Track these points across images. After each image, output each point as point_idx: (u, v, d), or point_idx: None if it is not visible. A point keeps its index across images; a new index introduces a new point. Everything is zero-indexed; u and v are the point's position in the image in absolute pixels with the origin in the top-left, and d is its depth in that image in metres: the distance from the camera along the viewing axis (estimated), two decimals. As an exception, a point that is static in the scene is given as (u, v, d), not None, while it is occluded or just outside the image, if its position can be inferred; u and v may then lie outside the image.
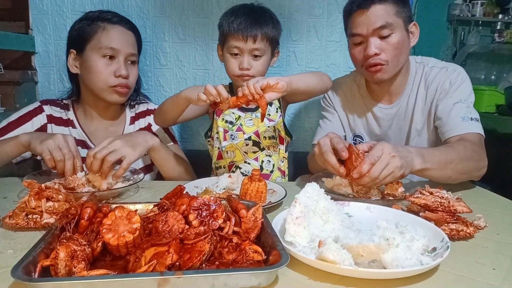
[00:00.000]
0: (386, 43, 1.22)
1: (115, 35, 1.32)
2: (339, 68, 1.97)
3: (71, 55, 1.36)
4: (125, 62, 1.34)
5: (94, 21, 1.33)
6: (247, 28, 1.33)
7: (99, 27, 1.32)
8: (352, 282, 0.61)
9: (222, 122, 1.47)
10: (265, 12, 1.42)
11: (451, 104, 1.24)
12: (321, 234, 0.73)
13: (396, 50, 1.23)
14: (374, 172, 0.91)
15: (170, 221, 0.68)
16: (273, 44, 1.41)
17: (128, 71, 1.34)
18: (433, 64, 1.35)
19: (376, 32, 1.20)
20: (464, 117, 1.20)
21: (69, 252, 0.57)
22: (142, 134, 1.21)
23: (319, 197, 0.78)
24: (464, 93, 1.26)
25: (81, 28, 1.34)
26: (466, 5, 3.13)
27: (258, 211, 0.71)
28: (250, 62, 1.36)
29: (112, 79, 1.31)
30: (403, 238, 0.66)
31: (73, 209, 0.70)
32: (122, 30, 1.35)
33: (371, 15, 1.19)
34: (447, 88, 1.27)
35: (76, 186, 1.03)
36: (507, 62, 2.98)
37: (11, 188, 1.09)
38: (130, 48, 1.35)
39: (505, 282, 0.63)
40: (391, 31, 1.20)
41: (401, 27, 1.22)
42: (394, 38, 1.21)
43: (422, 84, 1.34)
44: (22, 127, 1.34)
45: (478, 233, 0.82)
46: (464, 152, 1.09)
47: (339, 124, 1.48)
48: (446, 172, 1.05)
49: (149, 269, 0.56)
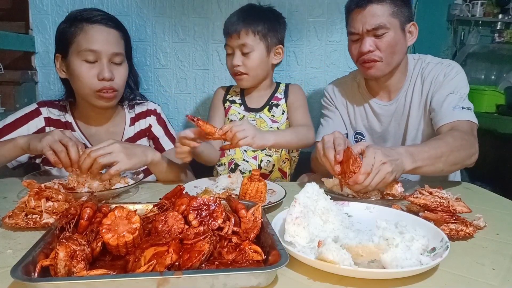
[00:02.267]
0: (380, 41, 1.25)
1: (95, 35, 1.24)
2: (339, 68, 1.97)
3: (58, 59, 1.31)
4: (109, 64, 1.26)
5: (74, 22, 1.26)
6: (232, 25, 1.37)
7: (78, 28, 1.24)
8: (352, 282, 0.61)
9: (228, 122, 1.49)
10: (259, 9, 1.44)
11: (444, 95, 1.27)
12: (321, 234, 0.73)
13: (390, 48, 1.26)
14: (366, 182, 0.94)
15: (170, 221, 0.68)
16: (267, 39, 1.41)
17: (113, 73, 1.26)
18: (430, 60, 1.38)
19: (370, 31, 1.24)
20: (455, 106, 1.23)
21: (68, 252, 0.57)
22: (143, 147, 1.18)
23: (319, 197, 0.78)
24: (458, 85, 1.29)
25: (63, 31, 1.27)
26: (466, 5, 3.13)
27: (258, 211, 0.71)
28: (240, 59, 1.39)
29: (96, 83, 1.24)
30: (402, 238, 0.66)
31: (72, 209, 0.70)
32: (103, 29, 1.26)
33: (367, 14, 1.23)
34: (441, 80, 1.30)
35: (76, 186, 1.03)
36: (507, 62, 2.98)
37: (11, 188, 1.09)
38: (113, 47, 1.26)
39: (505, 282, 0.63)
40: (386, 31, 1.23)
41: (396, 27, 1.25)
42: (388, 37, 1.24)
43: (419, 79, 1.36)
44: (17, 131, 1.29)
45: (478, 233, 0.82)
46: (453, 143, 1.10)
47: (341, 122, 1.49)
48: (437, 166, 1.07)
49: (149, 269, 0.56)
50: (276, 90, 1.52)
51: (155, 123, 1.48)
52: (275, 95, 1.51)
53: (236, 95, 1.54)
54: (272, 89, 1.52)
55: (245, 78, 1.41)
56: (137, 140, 1.45)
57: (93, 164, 1.01)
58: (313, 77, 1.99)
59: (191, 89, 1.99)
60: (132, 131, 1.45)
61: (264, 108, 1.49)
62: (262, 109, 1.49)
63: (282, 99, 1.50)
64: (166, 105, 1.95)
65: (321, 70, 1.99)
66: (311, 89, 2.00)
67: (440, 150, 1.07)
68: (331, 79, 2.05)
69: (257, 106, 1.50)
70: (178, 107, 1.99)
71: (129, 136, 1.45)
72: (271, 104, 1.49)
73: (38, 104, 1.37)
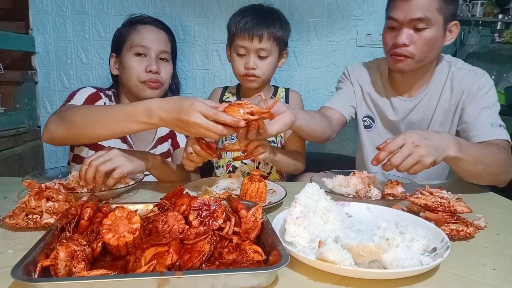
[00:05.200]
0: (418, 36, 1.20)
1: (146, 34, 1.39)
2: (339, 68, 1.97)
3: (112, 58, 1.45)
4: (157, 59, 1.39)
5: (129, 25, 1.42)
6: (253, 28, 1.33)
7: (133, 28, 1.41)
8: (352, 282, 0.61)
9: None
10: (273, 12, 1.41)
11: (478, 109, 1.22)
12: (321, 234, 0.73)
13: (426, 46, 1.21)
14: (394, 160, 0.93)
15: (170, 221, 0.68)
16: (281, 44, 1.40)
17: (159, 67, 1.38)
18: (461, 65, 1.33)
19: (412, 22, 1.19)
20: (493, 123, 1.18)
21: (69, 252, 0.57)
22: (144, 153, 1.17)
23: (319, 197, 0.78)
24: (492, 100, 1.24)
25: (119, 33, 1.44)
26: (466, 5, 3.12)
27: (258, 211, 0.71)
28: (256, 62, 1.36)
29: (143, 74, 1.36)
30: (403, 238, 0.66)
31: (73, 209, 0.70)
32: (153, 29, 1.42)
33: (414, 3, 1.17)
34: (475, 92, 1.25)
35: (76, 187, 1.03)
36: (507, 62, 2.98)
37: (11, 188, 1.09)
38: (161, 45, 1.40)
39: (505, 283, 0.63)
40: (427, 26, 1.18)
41: (439, 24, 1.20)
42: (428, 33, 1.19)
43: (448, 85, 1.32)
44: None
45: (478, 233, 0.82)
46: (498, 154, 1.08)
47: (352, 96, 1.46)
48: (477, 167, 1.04)
49: (149, 269, 0.56)
50: (275, 95, 1.51)
51: None
52: None
53: (232, 96, 1.53)
54: (270, 92, 1.51)
55: (256, 81, 1.40)
56: (168, 139, 1.50)
57: (96, 174, 1.00)
58: (313, 77, 2.00)
59: (191, 89, 1.99)
60: (164, 130, 1.49)
61: None
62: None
63: None
64: (166, 105, 1.95)
65: (321, 70, 1.99)
66: (311, 89, 2.00)
67: (485, 154, 1.05)
68: (331, 79, 2.06)
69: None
70: (178, 107, 1.99)
71: (161, 136, 1.48)
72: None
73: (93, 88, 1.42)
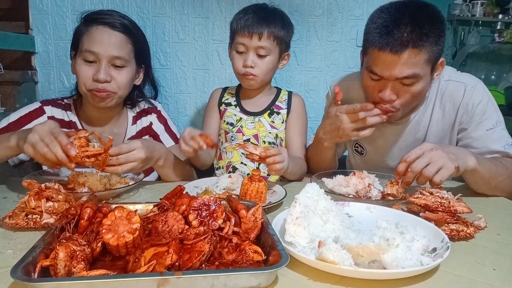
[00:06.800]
0: (405, 90, 1.10)
1: (97, 37, 1.24)
2: (339, 68, 1.97)
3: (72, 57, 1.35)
4: (108, 66, 1.25)
5: (84, 22, 1.29)
6: (253, 25, 1.33)
7: (85, 28, 1.27)
8: (352, 282, 0.61)
9: (224, 124, 1.48)
10: (276, 12, 1.41)
11: (484, 131, 1.17)
12: (321, 234, 0.73)
13: (414, 98, 1.13)
14: (415, 166, 0.94)
15: (170, 221, 0.68)
16: (281, 45, 1.39)
17: (111, 75, 1.25)
18: (448, 76, 1.23)
19: (398, 79, 1.08)
20: (505, 145, 1.16)
21: (68, 252, 0.57)
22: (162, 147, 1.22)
23: (319, 197, 0.78)
24: (493, 116, 1.18)
25: (77, 29, 1.31)
26: (466, 5, 3.13)
27: (258, 211, 0.71)
28: (254, 60, 1.35)
29: (89, 82, 1.25)
30: (403, 238, 0.66)
31: (73, 209, 0.70)
32: (107, 31, 1.25)
33: (401, 62, 1.04)
34: (471, 110, 1.18)
35: (76, 186, 1.03)
36: (507, 62, 2.99)
37: (11, 188, 1.09)
38: (115, 50, 1.25)
39: (505, 283, 0.63)
40: (416, 80, 1.08)
41: (427, 74, 1.10)
42: (416, 87, 1.10)
43: (437, 104, 1.24)
44: (21, 130, 1.26)
45: (478, 234, 0.82)
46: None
47: None
48: (490, 182, 1.06)
49: (149, 270, 0.56)
50: (277, 97, 1.50)
51: (155, 120, 1.48)
52: (276, 103, 1.48)
53: (231, 97, 1.52)
54: (272, 94, 1.50)
55: (255, 80, 1.39)
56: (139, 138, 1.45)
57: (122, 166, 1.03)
58: (313, 77, 1.99)
59: (191, 89, 1.99)
60: (134, 130, 1.46)
61: (264, 112, 1.47)
62: (262, 113, 1.47)
63: (284, 109, 1.47)
64: (166, 105, 1.95)
65: (321, 70, 1.99)
66: (311, 89, 2.00)
67: (499, 170, 1.06)
68: (331, 79, 2.05)
69: (256, 110, 1.47)
70: (178, 107, 1.99)
71: (132, 135, 1.45)
72: (272, 110, 1.47)
73: (41, 102, 1.36)
